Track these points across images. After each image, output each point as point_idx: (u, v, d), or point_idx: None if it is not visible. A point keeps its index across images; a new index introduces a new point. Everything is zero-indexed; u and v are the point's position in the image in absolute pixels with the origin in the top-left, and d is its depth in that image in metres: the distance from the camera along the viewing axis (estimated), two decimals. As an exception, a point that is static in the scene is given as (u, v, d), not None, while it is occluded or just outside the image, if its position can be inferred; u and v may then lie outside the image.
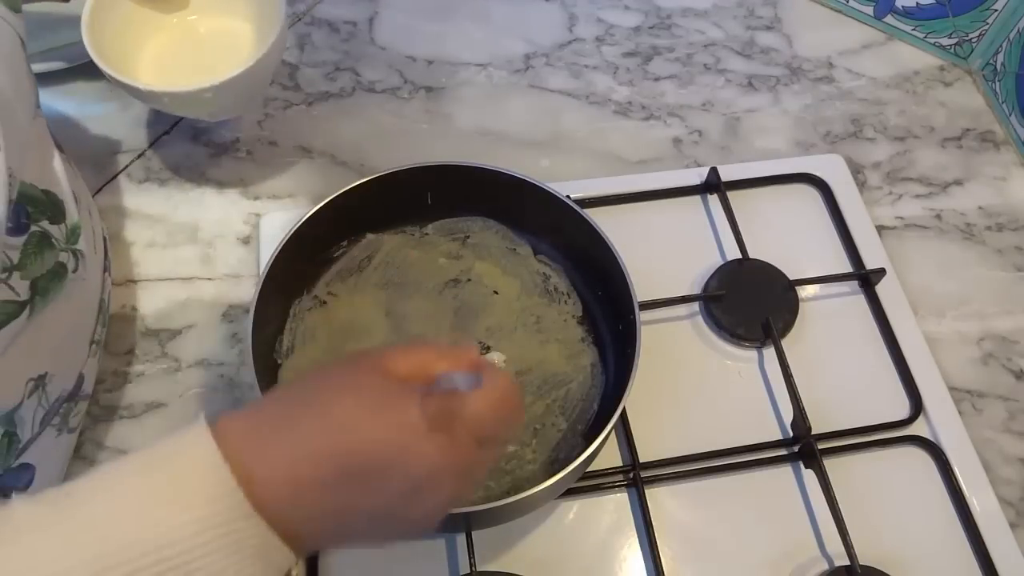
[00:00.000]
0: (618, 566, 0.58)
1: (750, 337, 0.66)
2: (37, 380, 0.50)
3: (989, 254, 0.73)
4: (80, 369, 0.56)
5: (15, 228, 0.47)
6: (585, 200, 0.69)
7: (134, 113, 0.77)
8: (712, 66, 0.84)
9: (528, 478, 0.55)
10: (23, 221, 0.48)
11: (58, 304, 0.50)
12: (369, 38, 0.84)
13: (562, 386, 0.60)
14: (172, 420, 0.62)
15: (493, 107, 0.80)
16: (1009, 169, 0.78)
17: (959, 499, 0.60)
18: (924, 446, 0.62)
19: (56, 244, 0.51)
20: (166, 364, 0.65)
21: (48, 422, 0.53)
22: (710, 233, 0.72)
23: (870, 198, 0.75)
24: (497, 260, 0.65)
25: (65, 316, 0.52)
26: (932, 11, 0.82)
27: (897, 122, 0.81)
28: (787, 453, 0.62)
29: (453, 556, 0.57)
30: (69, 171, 0.57)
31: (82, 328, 0.57)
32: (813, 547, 0.59)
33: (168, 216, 0.71)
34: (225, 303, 0.68)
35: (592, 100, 0.81)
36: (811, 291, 0.69)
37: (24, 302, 0.47)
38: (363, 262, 0.64)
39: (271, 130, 0.77)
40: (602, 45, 0.85)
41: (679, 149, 0.78)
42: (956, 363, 0.67)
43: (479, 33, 0.85)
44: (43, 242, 0.49)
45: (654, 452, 0.61)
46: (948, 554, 0.59)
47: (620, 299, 0.58)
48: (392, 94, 0.80)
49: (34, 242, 0.49)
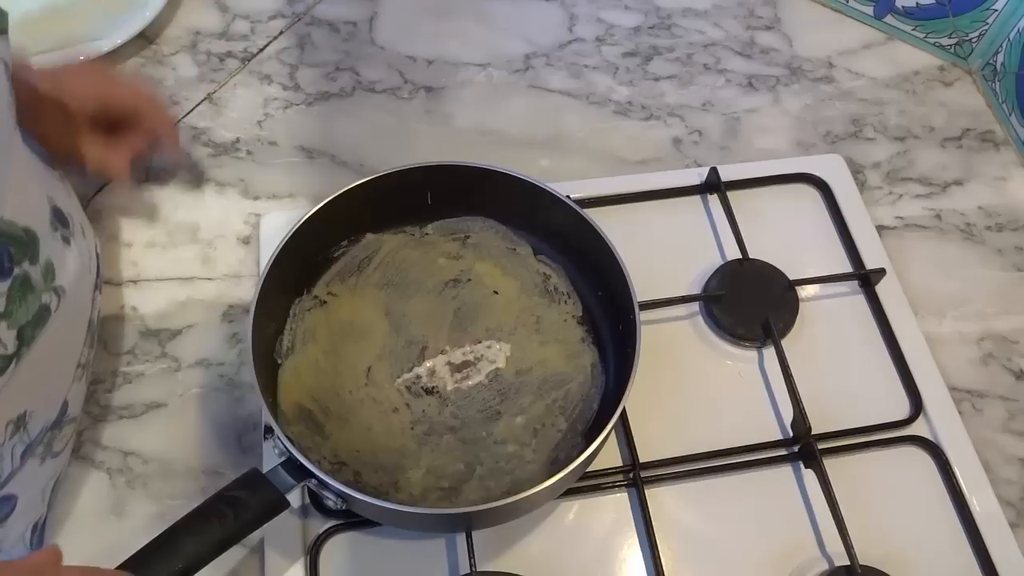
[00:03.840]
0: (618, 566, 0.58)
1: (750, 337, 0.66)
2: (17, 421, 0.48)
3: (989, 254, 0.73)
4: (64, 396, 0.54)
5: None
6: (585, 200, 0.69)
7: (134, 113, 0.77)
8: (712, 66, 0.84)
9: (528, 478, 0.55)
10: (6, 264, 0.44)
11: (39, 344, 0.48)
12: (369, 38, 0.84)
13: (562, 386, 0.60)
14: (172, 420, 0.62)
15: (493, 107, 0.80)
16: (1009, 169, 0.78)
17: (959, 499, 0.60)
18: (924, 446, 0.62)
19: (36, 285, 0.47)
20: (166, 364, 0.65)
21: (30, 454, 0.50)
22: (710, 233, 0.72)
23: (870, 198, 0.75)
24: (497, 260, 0.65)
25: (47, 354, 0.49)
26: (932, 11, 0.82)
27: (897, 122, 0.81)
28: (787, 453, 0.62)
29: (453, 556, 0.57)
30: (62, 189, 0.55)
31: (67, 358, 0.54)
32: (813, 547, 0.59)
33: (168, 216, 0.71)
34: (225, 303, 0.68)
35: (592, 100, 0.81)
36: (811, 291, 0.69)
37: (11, 356, 0.45)
38: (363, 262, 0.64)
39: (271, 130, 0.77)
40: (602, 45, 0.85)
41: (679, 149, 0.78)
42: (956, 363, 0.67)
43: (479, 33, 0.85)
44: (25, 285, 0.46)
45: (654, 452, 0.61)
46: (948, 554, 0.59)
47: (620, 299, 0.58)
48: (392, 94, 0.80)
49: (17, 286, 0.45)
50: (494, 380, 0.60)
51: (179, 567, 0.47)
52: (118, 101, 0.64)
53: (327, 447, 0.56)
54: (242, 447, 0.61)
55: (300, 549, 0.57)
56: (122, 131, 0.65)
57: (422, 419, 0.58)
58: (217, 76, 0.80)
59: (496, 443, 0.57)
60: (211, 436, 0.62)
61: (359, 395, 0.59)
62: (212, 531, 0.49)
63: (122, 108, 0.65)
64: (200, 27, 0.84)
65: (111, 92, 0.64)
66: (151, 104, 0.66)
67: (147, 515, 0.58)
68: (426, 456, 0.57)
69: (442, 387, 0.60)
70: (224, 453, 0.61)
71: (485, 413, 0.59)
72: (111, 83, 0.65)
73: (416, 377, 0.60)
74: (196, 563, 0.48)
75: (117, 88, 0.64)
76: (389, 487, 0.55)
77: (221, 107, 0.79)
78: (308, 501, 0.58)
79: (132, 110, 0.65)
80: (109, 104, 0.64)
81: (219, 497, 0.50)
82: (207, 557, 0.49)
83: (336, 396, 0.58)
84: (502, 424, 0.58)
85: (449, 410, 0.59)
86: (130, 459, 0.61)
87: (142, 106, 0.65)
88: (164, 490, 0.59)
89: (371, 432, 0.57)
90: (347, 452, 0.56)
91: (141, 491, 0.59)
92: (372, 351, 0.61)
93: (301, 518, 0.58)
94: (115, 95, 0.64)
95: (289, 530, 0.57)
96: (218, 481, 0.59)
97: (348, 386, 0.59)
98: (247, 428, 0.62)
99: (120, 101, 0.64)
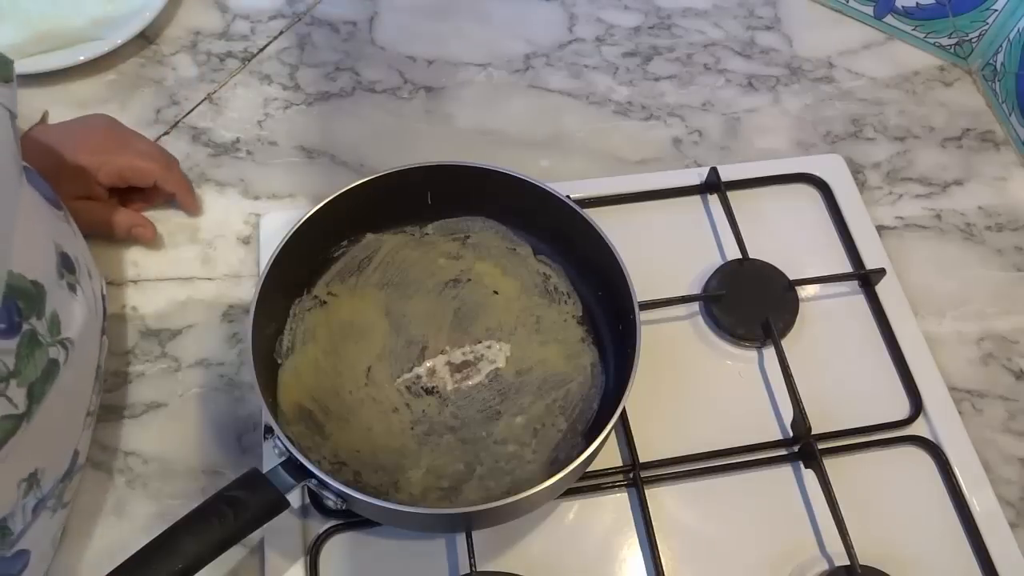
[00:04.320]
0: (618, 566, 0.58)
1: (750, 337, 0.66)
2: (29, 479, 0.47)
3: (989, 254, 0.73)
4: (75, 447, 0.53)
5: (8, 328, 0.42)
6: (585, 200, 0.69)
7: (135, 113, 0.77)
8: (712, 66, 0.84)
9: (528, 478, 0.55)
10: (15, 320, 0.43)
11: (48, 400, 0.47)
12: (369, 38, 0.84)
13: (562, 386, 0.60)
14: (172, 420, 0.62)
15: (493, 107, 0.80)
16: (1009, 169, 0.78)
17: (959, 499, 0.60)
18: (924, 446, 0.62)
19: (43, 340, 0.46)
20: (166, 364, 0.65)
21: (42, 507, 0.50)
22: (710, 233, 0.72)
23: (870, 198, 0.75)
24: (497, 260, 0.65)
25: (57, 409, 0.48)
26: (932, 11, 0.82)
27: (897, 122, 0.81)
28: (787, 453, 0.62)
29: (453, 556, 0.57)
30: (67, 230, 0.54)
31: (77, 408, 0.53)
32: (813, 547, 0.59)
33: (167, 217, 0.71)
34: (225, 303, 0.68)
35: (592, 100, 0.81)
36: (811, 291, 0.69)
37: (22, 415, 0.44)
38: (363, 262, 0.64)
39: (271, 130, 0.77)
40: (602, 45, 0.85)
41: (679, 149, 0.78)
42: (956, 363, 0.67)
43: (479, 33, 0.85)
44: (33, 341, 0.45)
45: (654, 452, 0.61)
46: (948, 554, 0.59)
47: (620, 299, 0.58)
48: (392, 94, 0.80)
49: (26, 342, 0.44)
50: (494, 380, 0.60)
51: (179, 567, 0.47)
52: (137, 175, 0.67)
53: (327, 447, 0.56)
54: (242, 447, 0.61)
55: (300, 549, 0.57)
56: (139, 193, 0.70)
57: (422, 419, 0.58)
58: (217, 76, 0.80)
59: (496, 443, 0.57)
60: (211, 436, 0.62)
61: (359, 395, 0.59)
62: (212, 531, 0.49)
63: (142, 181, 0.68)
64: (200, 27, 0.84)
65: (131, 166, 0.66)
66: (166, 172, 0.69)
67: (147, 515, 0.58)
68: (426, 456, 0.57)
69: (442, 387, 0.60)
70: (224, 453, 0.61)
71: (485, 413, 0.59)
72: (128, 156, 0.67)
73: (416, 377, 0.60)
74: (196, 563, 0.48)
75: (133, 161, 0.67)
76: (389, 487, 0.55)
77: (221, 107, 0.79)
78: (308, 501, 0.58)
79: (148, 179, 0.68)
80: (128, 178, 0.67)
81: (219, 497, 0.50)
82: (207, 557, 0.48)
83: (336, 396, 0.58)
84: (502, 424, 0.58)
85: (449, 410, 0.59)
86: (130, 459, 0.61)
87: (158, 175, 0.68)
88: (164, 490, 0.59)
89: (371, 432, 0.57)
90: (347, 452, 0.56)
91: (141, 491, 0.59)
92: (372, 351, 0.61)
93: (301, 518, 0.58)
94: (135, 169, 0.67)
95: (289, 530, 0.57)
96: (218, 481, 0.59)
97: (348, 386, 0.59)
98: (247, 428, 0.62)
99: (139, 175, 0.67)
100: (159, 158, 0.69)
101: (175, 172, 0.70)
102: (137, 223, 0.68)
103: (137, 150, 0.68)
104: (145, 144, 0.69)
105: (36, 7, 0.78)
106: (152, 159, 0.68)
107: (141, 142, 0.69)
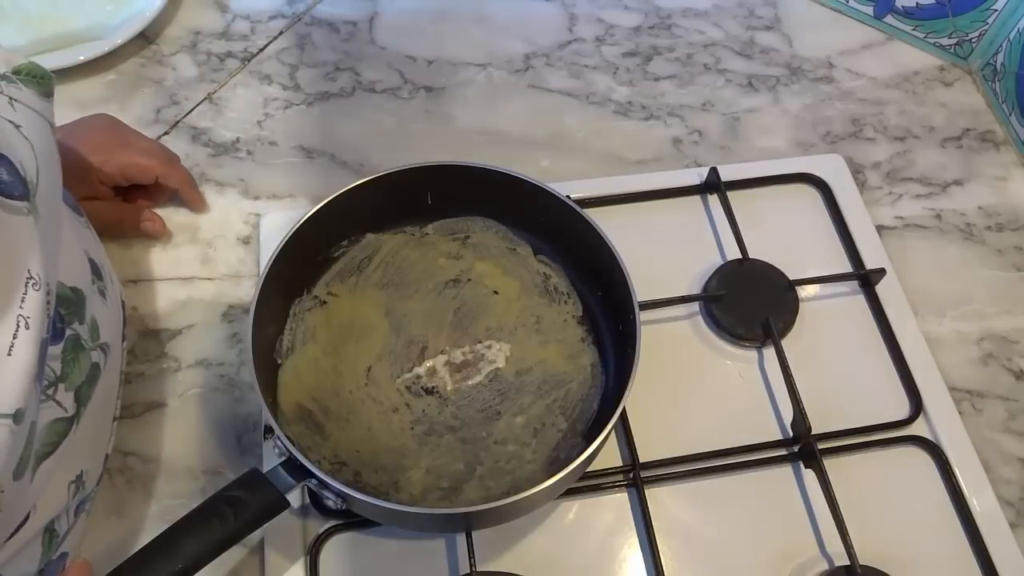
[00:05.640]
0: (618, 566, 0.58)
1: (750, 337, 0.66)
2: (76, 480, 0.49)
3: (989, 254, 0.73)
4: (107, 450, 0.56)
5: (53, 335, 0.43)
6: (585, 200, 0.69)
7: (135, 113, 0.77)
8: (712, 66, 0.84)
9: (528, 478, 0.55)
10: (59, 326, 0.44)
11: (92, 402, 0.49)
12: (369, 38, 0.84)
13: (562, 386, 0.60)
14: (172, 420, 0.62)
15: (493, 107, 0.80)
16: (1009, 169, 0.78)
17: (959, 499, 0.60)
18: (924, 446, 0.62)
19: (86, 344, 0.47)
20: (166, 364, 0.65)
21: (82, 509, 0.52)
22: (710, 233, 0.72)
23: (870, 198, 0.75)
24: (497, 260, 0.65)
25: (96, 411, 0.50)
26: (932, 11, 0.82)
27: (897, 122, 0.81)
28: (787, 453, 0.62)
29: (453, 556, 0.57)
30: (91, 238, 0.55)
31: (109, 411, 0.55)
32: (813, 547, 0.59)
33: (168, 216, 0.71)
34: (225, 303, 0.68)
35: (592, 100, 0.81)
36: (811, 291, 0.69)
37: (71, 417, 0.45)
38: (363, 262, 0.64)
39: (271, 130, 0.77)
40: (602, 45, 0.85)
41: (679, 149, 0.78)
42: (956, 363, 0.67)
43: (479, 33, 0.85)
44: (76, 346, 0.46)
45: (654, 452, 0.61)
46: (948, 554, 0.59)
47: (620, 299, 0.58)
48: (392, 94, 0.80)
49: (70, 347, 0.46)
50: (494, 380, 0.60)
51: (179, 567, 0.47)
52: (138, 172, 0.67)
53: (327, 447, 0.56)
54: (242, 447, 0.61)
55: (300, 549, 0.57)
56: (142, 191, 0.70)
57: (422, 419, 0.58)
58: (217, 76, 0.80)
59: (496, 443, 0.57)
60: (211, 436, 0.62)
61: (359, 395, 0.59)
62: (212, 531, 0.49)
63: (144, 178, 0.68)
64: (200, 27, 0.84)
65: (132, 163, 0.67)
66: (168, 168, 0.69)
67: (147, 515, 0.58)
68: (426, 456, 0.57)
69: (442, 387, 0.60)
70: (224, 453, 0.61)
71: (485, 413, 0.59)
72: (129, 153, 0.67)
73: (416, 377, 0.60)
74: (196, 563, 0.48)
75: (134, 158, 0.67)
76: (389, 487, 0.55)
77: (221, 107, 0.79)
78: (308, 501, 0.58)
79: (150, 176, 0.68)
80: (130, 175, 0.67)
81: (219, 497, 0.50)
82: (207, 557, 0.48)
83: (336, 396, 0.58)
84: (502, 424, 0.58)
85: (449, 410, 0.59)
86: (130, 459, 0.61)
87: (160, 171, 0.68)
88: (164, 490, 0.59)
89: (371, 432, 0.57)
90: (347, 452, 0.56)
91: (141, 491, 0.59)
92: (372, 351, 0.61)
93: (301, 518, 0.58)
94: (136, 166, 0.67)
95: (289, 530, 0.57)
96: (218, 481, 0.59)
97: (348, 386, 0.59)
98: (247, 428, 0.62)
99: (141, 172, 0.67)
100: (160, 154, 0.69)
101: (177, 168, 0.70)
102: (146, 217, 0.69)
103: (138, 147, 0.68)
104: (146, 141, 0.69)
105: (36, 7, 0.78)
106: (153, 155, 0.68)
107: (142, 140, 0.69)
